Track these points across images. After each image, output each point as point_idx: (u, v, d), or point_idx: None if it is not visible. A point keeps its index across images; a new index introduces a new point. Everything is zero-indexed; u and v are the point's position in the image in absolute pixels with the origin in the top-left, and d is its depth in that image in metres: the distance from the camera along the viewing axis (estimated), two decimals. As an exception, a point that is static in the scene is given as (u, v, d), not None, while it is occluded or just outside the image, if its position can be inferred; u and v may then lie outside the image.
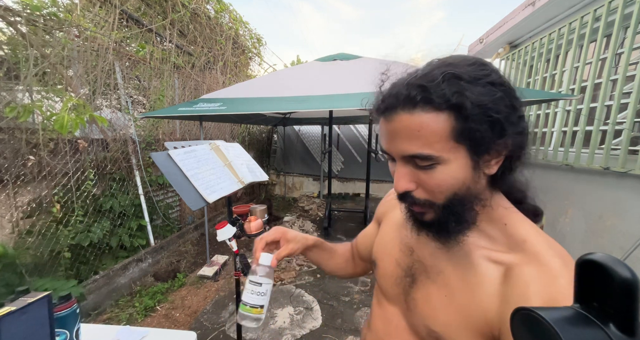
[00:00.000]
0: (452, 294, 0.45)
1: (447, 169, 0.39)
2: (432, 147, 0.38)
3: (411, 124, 0.38)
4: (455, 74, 0.37)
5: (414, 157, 0.40)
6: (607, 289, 0.22)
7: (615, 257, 0.22)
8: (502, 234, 0.44)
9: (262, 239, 0.63)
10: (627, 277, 0.21)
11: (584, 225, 2.47)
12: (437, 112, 0.37)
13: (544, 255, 0.39)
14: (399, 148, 0.41)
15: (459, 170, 0.39)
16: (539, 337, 0.24)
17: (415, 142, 0.39)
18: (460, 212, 0.42)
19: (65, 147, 2.31)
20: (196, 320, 2.24)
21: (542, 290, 0.36)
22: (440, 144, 0.38)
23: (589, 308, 0.23)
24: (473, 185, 0.41)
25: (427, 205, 0.43)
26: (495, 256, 0.43)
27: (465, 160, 0.39)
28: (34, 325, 0.63)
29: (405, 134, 0.39)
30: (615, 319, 0.22)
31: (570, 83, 2.69)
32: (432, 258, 0.50)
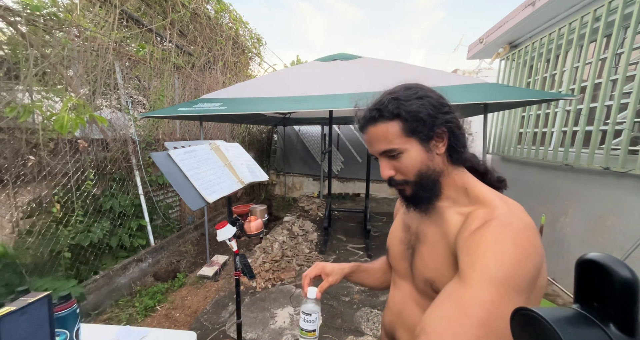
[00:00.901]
0: (435, 246, 0.60)
1: (408, 155, 0.58)
2: (393, 143, 0.58)
3: (377, 132, 0.60)
4: (395, 97, 0.59)
5: (385, 152, 0.60)
6: (607, 289, 0.22)
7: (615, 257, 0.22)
8: (464, 196, 0.60)
9: (306, 276, 0.78)
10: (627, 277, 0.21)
11: (584, 225, 2.47)
12: (389, 121, 0.58)
13: (491, 201, 0.54)
14: (376, 148, 0.61)
15: (416, 154, 0.58)
16: (539, 337, 0.24)
17: (383, 142, 0.59)
18: (427, 184, 0.60)
19: (65, 147, 2.31)
20: (196, 320, 2.24)
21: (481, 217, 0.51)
22: (398, 139, 0.58)
23: (589, 308, 0.23)
24: (431, 163, 0.59)
25: (404, 183, 0.61)
26: (460, 210, 0.58)
27: (418, 147, 0.58)
28: (34, 325, 0.63)
29: (376, 139, 0.60)
30: (615, 319, 0.22)
31: (570, 83, 2.69)
32: (420, 226, 0.66)
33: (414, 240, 0.67)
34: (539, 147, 3.02)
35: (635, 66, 2.14)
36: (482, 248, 0.47)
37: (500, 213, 0.50)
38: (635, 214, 2.04)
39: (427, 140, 0.58)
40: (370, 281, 0.87)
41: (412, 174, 0.59)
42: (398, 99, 0.58)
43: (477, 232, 0.49)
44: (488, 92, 2.31)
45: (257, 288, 2.69)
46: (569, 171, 2.67)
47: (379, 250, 3.38)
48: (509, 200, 0.55)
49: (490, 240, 0.47)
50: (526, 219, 0.49)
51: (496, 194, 0.57)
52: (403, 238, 0.71)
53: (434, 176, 0.60)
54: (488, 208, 0.53)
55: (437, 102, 0.58)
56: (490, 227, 0.48)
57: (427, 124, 0.57)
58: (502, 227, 0.47)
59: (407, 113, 0.56)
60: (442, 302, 0.49)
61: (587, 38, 2.47)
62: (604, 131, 2.32)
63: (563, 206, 2.70)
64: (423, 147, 0.58)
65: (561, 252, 2.68)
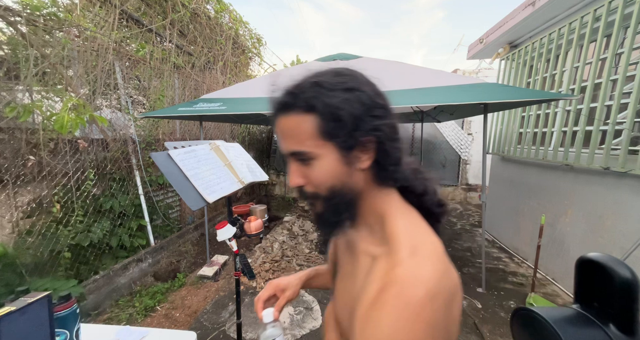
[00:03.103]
0: (345, 286, 0.52)
1: (321, 164, 0.45)
2: (304, 144, 0.44)
3: (287, 125, 0.45)
4: (318, 82, 0.43)
5: (293, 154, 0.46)
6: (607, 289, 0.22)
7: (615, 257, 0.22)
8: (380, 228, 0.47)
9: (259, 299, 0.68)
10: (627, 277, 0.21)
11: (584, 225, 2.47)
12: (303, 113, 0.43)
13: (398, 249, 0.41)
14: (285, 146, 0.47)
15: (330, 165, 0.44)
16: (539, 337, 0.24)
17: (292, 141, 0.45)
18: (339, 205, 0.47)
19: (65, 147, 2.31)
20: (196, 320, 2.24)
21: (382, 277, 0.40)
22: (310, 141, 0.44)
23: (589, 308, 0.23)
24: (348, 179, 0.46)
25: (314, 197, 0.48)
26: (370, 249, 0.47)
27: (335, 156, 0.44)
28: (34, 325, 0.63)
29: (286, 134, 0.46)
30: (615, 319, 0.22)
31: (570, 83, 2.69)
32: (340, 251, 0.57)
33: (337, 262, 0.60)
34: (539, 147, 3.02)
35: (635, 66, 2.14)
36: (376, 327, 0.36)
37: (402, 275, 0.37)
38: (635, 214, 2.04)
39: (347, 149, 0.44)
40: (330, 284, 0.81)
41: (324, 188, 0.46)
42: (320, 85, 0.43)
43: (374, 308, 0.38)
44: (488, 92, 2.31)
45: (257, 288, 2.69)
46: (569, 171, 2.67)
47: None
48: (424, 245, 0.41)
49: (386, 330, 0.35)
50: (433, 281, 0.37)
51: (411, 235, 0.43)
52: (332, 257, 0.63)
53: (349, 197, 0.47)
54: (392, 260, 0.40)
55: (369, 100, 0.44)
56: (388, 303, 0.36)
57: (347, 127, 0.42)
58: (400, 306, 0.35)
59: (325, 107, 0.42)
60: None
61: (587, 38, 2.47)
62: (604, 131, 2.32)
63: (563, 206, 2.70)
64: (342, 157, 0.44)
65: (561, 252, 2.68)
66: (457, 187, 6.25)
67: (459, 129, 6.08)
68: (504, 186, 3.86)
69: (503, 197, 3.83)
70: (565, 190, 2.71)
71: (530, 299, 2.33)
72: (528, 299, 2.35)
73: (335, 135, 0.43)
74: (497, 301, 2.46)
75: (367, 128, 0.43)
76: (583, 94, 2.50)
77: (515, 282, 2.77)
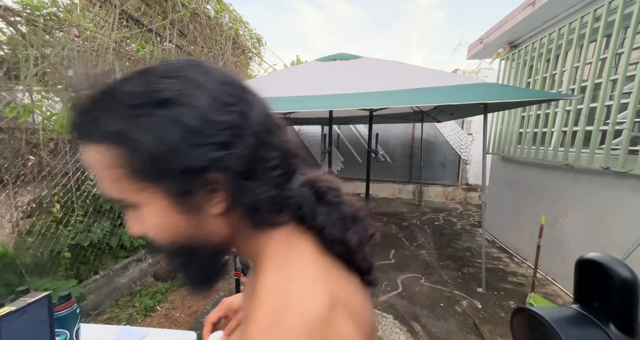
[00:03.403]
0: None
1: (149, 215, 0.32)
2: (114, 188, 0.31)
3: (88, 160, 0.31)
4: (113, 91, 0.30)
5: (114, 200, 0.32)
6: (607, 289, 0.22)
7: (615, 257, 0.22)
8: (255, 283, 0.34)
9: (207, 321, 0.60)
10: (627, 277, 0.21)
11: (584, 225, 2.47)
12: (98, 144, 0.29)
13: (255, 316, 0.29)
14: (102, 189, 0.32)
15: (158, 215, 0.31)
16: (539, 337, 0.24)
17: (102, 183, 0.31)
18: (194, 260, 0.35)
19: (65, 147, 2.31)
20: (196, 320, 2.24)
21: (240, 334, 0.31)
22: (119, 184, 0.30)
23: (589, 308, 0.23)
24: (197, 230, 0.33)
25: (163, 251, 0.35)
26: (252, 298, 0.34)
27: (164, 203, 0.31)
28: (34, 325, 0.63)
29: (94, 172, 0.32)
30: (615, 319, 0.22)
31: (570, 83, 2.69)
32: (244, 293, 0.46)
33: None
34: (539, 147, 3.02)
35: (635, 66, 2.14)
36: None
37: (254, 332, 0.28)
38: (635, 214, 2.04)
39: (181, 194, 0.30)
40: None
41: (165, 243, 0.33)
42: (114, 96, 0.29)
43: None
44: (488, 92, 2.31)
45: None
46: (569, 171, 2.67)
47: (379, 251, 3.38)
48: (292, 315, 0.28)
49: None
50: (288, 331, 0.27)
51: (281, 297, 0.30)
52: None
53: (210, 245, 0.35)
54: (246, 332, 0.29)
55: (200, 119, 0.29)
56: None
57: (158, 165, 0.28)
58: None
59: (118, 137, 0.28)
60: None
61: (587, 38, 2.47)
62: (604, 131, 2.32)
63: (563, 206, 2.70)
64: (175, 204, 0.31)
65: (561, 252, 2.68)
66: (457, 187, 6.25)
67: (459, 129, 6.08)
68: (504, 186, 3.86)
69: (503, 197, 3.83)
70: (565, 190, 2.71)
71: (530, 299, 2.33)
72: (528, 299, 2.35)
73: (152, 177, 0.29)
74: (497, 301, 2.46)
75: (195, 165, 0.29)
76: (583, 94, 2.50)
77: (515, 282, 2.77)
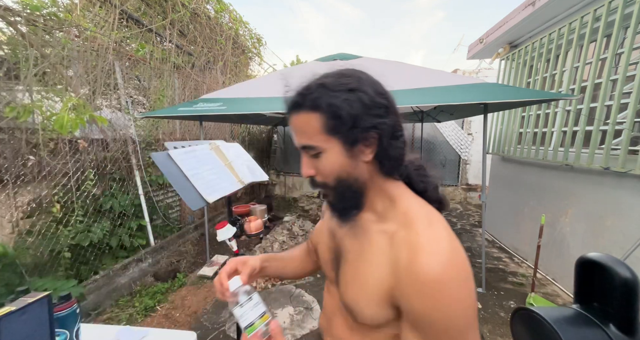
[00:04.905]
0: (357, 269, 0.55)
1: (328, 157, 0.50)
2: (312, 139, 0.50)
3: (298, 122, 0.51)
4: (323, 84, 0.49)
5: (304, 148, 0.52)
6: (607, 289, 0.22)
7: (615, 257, 0.22)
8: (390, 210, 0.53)
9: (222, 272, 0.65)
10: (627, 277, 0.21)
11: (584, 225, 2.47)
12: (310, 112, 0.49)
13: (414, 222, 0.49)
14: (297, 141, 0.53)
15: (335, 158, 0.50)
16: (539, 337, 0.24)
17: (302, 136, 0.51)
18: (346, 194, 0.53)
19: (65, 147, 2.31)
20: (196, 320, 2.24)
21: (407, 244, 0.47)
22: (317, 136, 0.49)
23: (589, 308, 0.23)
24: (353, 171, 0.51)
25: (324, 187, 0.54)
26: (385, 227, 0.53)
27: (339, 149, 0.50)
28: (34, 325, 0.63)
29: (297, 130, 0.52)
30: (615, 319, 0.22)
31: (570, 83, 2.69)
32: (344, 239, 0.60)
33: (338, 252, 0.62)
34: (539, 147, 3.02)
35: (635, 66, 2.14)
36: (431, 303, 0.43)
37: (425, 241, 0.46)
38: (635, 214, 2.04)
39: (351, 144, 0.49)
40: (288, 271, 0.80)
41: (331, 179, 0.52)
42: (325, 86, 0.49)
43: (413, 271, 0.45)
44: (488, 92, 2.31)
45: (257, 288, 2.69)
46: (569, 171, 2.67)
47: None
48: (433, 219, 0.50)
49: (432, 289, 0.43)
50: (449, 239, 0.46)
51: (423, 212, 0.51)
52: (329, 245, 0.65)
53: (355, 186, 0.52)
54: (412, 231, 0.48)
55: (370, 101, 0.48)
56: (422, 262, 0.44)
57: (347, 124, 0.48)
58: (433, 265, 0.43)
59: (328, 107, 0.47)
60: None
61: (587, 38, 2.47)
62: (604, 131, 2.32)
63: (563, 206, 2.70)
64: (345, 150, 0.50)
65: (561, 252, 2.68)
66: (457, 187, 6.25)
67: (459, 129, 6.08)
68: (504, 186, 3.86)
69: (503, 197, 3.83)
70: (565, 190, 2.71)
71: (530, 299, 2.33)
72: (528, 299, 2.35)
73: (337, 132, 0.48)
74: (497, 301, 2.46)
75: (366, 125, 0.48)
76: (583, 94, 2.50)
77: (515, 282, 2.77)
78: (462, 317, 0.43)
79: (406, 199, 0.54)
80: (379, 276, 0.50)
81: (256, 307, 0.56)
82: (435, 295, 0.43)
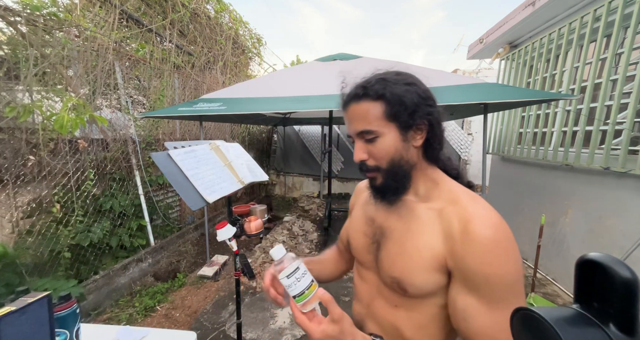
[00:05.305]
0: (404, 243, 0.60)
1: (384, 140, 0.58)
2: (372, 124, 0.57)
3: (359, 110, 0.58)
4: (383, 78, 0.58)
5: (363, 133, 0.58)
6: (607, 289, 0.22)
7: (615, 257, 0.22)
8: (435, 191, 0.61)
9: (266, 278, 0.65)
10: (627, 277, 0.21)
11: (584, 225, 2.47)
12: (373, 101, 0.57)
13: (460, 198, 0.58)
14: (354, 128, 0.60)
15: (392, 141, 0.58)
16: (539, 337, 0.24)
17: (362, 122, 0.58)
18: (398, 174, 0.60)
19: (65, 147, 2.31)
20: (196, 320, 2.24)
21: (458, 216, 0.55)
22: (377, 122, 0.57)
23: (589, 308, 0.23)
24: (405, 154, 0.59)
25: (376, 170, 0.60)
26: (430, 205, 0.60)
27: (396, 134, 0.57)
28: (34, 325, 0.63)
29: (356, 117, 0.59)
30: (615, 319, 0.22)
31: (570, 83, 2.69)
32: (387, 221, 0.66)
33: (378, 234, 0.67)
34: (539, 147, 3.02)
35: (635, 66, 2.14)
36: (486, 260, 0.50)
37: (474, 210, 0.54)
38: (635, 214, 2.04)
39: (406, 129, 0.58)
40: (324, 274, 0.84)
41: (384, 161, 0.59)
42: (386, 80, 0.57)
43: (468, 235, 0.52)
44: (488, 92, 2.31)
45: (257, 288, 2.69)
46: (569, 171, 2.67)
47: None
48: (475, 195, 0.59)
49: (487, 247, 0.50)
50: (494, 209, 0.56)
51: (465, 190, 0.60)
52: (367, 231, 0.70)
53: (406, 167, 0.60)
54: (459, 205, 0.56)
55: (424, 93, 0.58)
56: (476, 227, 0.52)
57: (409, 111, 0.56)
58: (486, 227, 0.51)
59: (392, 95, 0.55)
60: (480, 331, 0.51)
61: (587, 38, 2.47)
62: (604, 131, 2.32)
63: (563, 206, 2.70)
64: (401, 135, 0.58)
65: (561, 252, 2.68)
66: (457, 187, 6.24)
67: (459, 129, 6.08)
68: (504, 186, 3.86)
69: (503, 197, 3.83)
70: (565, 190, 2.71)
71: (530, 299, 2.33)
72: (528, 299, 2.35)
73: (396, 118, 0.56)
74: (497, 301, 2.46)
75: (422, 113, 0.57)
76: (583, 94, 2.50)
77: (515, 282, 2.76)
78: (514, 270, 0.50)
79: (448, 181, 0.62)
80: (430, 245, 0.56)
81: (304, 277, 0.55)
82: (491, 252, 0.49)
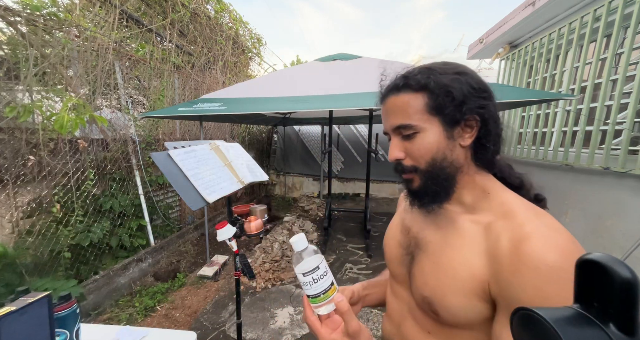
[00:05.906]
0: (439, 259, 0.51)
1: (425, 136, 0.49)
2: (411, 118, 0.49)
3: (397, 102, 0.51)
4: (429, 67, 0.50)
5: (400, 127, 0.50)
6: (607, 289, 0.22)
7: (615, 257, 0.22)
8: (484, 201, 0.51)
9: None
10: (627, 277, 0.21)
11: (584, 225, 2.47)
12: (414, 92, 0.49)
13: (516, 212, 0.46)
14: (390, 122, 0.52)
15: (434, 138, 0.49)
16: (539, 337, 0.24)
17: (401, 115, 0.50)
18: (439, 176, 0.50)
19: (65, 147, 2.31)
20: (196, 320, 2.24)
21: (510, 235, 0.43)
22: (418, 115, 0.49)
23: (589, 308, 0.23)
24: (449, 153, 0.49)
25: (413, 171, 0.51)
26: (476, 218, 0.50)
27: (439, 130, 0.49)
28: (34, 325, 0.63)
29: (394, 110, 0.51)
30: (615, 319, 0.22)
31: (570, 83, 2.69)
32: (423, 231, 0.57)
33: (413, 245, 0.58)
34: (539, 147, 3.02)
35: (635, 66, 2.14)
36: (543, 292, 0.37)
37: (533, 228, 0.42)
38: (635, 214, 2.04)
39: (452, 125, 0.48)
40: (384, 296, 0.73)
41: (423, 161, 0.49)
42: (432, 69, 0.49)
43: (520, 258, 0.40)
44: (488, 92, 2.30)
45: (257, 288, 2.69)
46: (569, 171, 2.67)
47: (379, 251, 3.38)
48: (539, 211, 0.46)
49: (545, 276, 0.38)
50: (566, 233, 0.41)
51: (526, 204, 0.47)
52: (402, 241, 0.62)
53: (450, 169, 0.50)
54: (513, 220, 0.44)
55: (477, 84, 0.48)
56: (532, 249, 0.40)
57: (456, 103, 0.47)
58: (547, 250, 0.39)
59: (436, 85, 0.47)
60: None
61: (587, 38, 2.47)
62: (604, 131, 2.32)
63: (563, 206, 2.70)
64: (445, 131, 0.48)
65: (561, 252, 2.68)
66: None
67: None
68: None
69: (503, 197, 3.82)
70: (565, 190, 2.71)
71: (530, 299, 2.33)
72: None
73: (440, 111, 0.48)
74: (497, 301, 2.46)
75: (473, 106, 0.47)
76: (583, 94, 2.50)
77: (515, 282, 2.77)
78: None
79: (502, 192, 0.51)
80: (470, 265, 0.46)
81: (322, 279, 0.48)
82: (550, 283, 0.37)
